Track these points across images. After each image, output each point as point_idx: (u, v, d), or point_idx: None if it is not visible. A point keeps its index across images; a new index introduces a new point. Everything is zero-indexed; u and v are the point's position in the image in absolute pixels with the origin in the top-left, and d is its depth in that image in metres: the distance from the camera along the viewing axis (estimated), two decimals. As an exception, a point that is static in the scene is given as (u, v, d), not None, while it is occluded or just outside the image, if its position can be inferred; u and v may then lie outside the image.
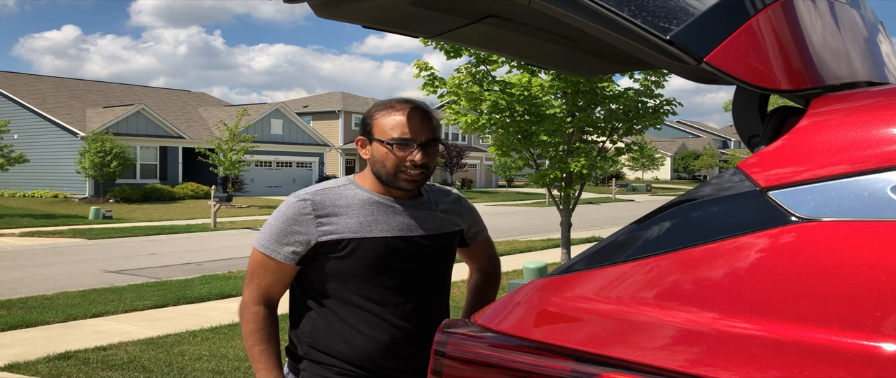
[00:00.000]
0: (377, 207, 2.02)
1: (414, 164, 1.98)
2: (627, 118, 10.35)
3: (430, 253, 2.08)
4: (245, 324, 2.01)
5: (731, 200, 1.19)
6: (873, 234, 1.07)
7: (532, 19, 1.79)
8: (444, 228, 2.12)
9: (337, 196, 2.02)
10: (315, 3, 1.74)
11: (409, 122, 1.99)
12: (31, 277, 12.04)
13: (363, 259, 1.97)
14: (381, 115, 2.01)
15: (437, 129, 2.04)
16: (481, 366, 1.36)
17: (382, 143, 1.99)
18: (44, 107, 35.05)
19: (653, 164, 63.50)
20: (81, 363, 6.31)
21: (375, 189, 2.04)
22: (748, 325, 1.09)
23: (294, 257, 1.99)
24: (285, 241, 1.98)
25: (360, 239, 1.97)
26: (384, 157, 1.99)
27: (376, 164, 2.01)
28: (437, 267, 2.11)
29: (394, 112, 2.01)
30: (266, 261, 2.01)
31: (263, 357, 1.98)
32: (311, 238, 1.97)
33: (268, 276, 2.02)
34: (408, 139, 1.98)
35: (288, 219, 1.99)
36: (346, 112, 53.22)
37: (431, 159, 2.02)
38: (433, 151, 2.02)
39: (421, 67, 10.13)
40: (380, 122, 2.01)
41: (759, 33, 1.20)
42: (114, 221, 24.25)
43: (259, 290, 2.02)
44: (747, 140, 1.35)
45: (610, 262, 1.27)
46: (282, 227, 1.99)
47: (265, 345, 2.00)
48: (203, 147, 34.05)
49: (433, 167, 2.04)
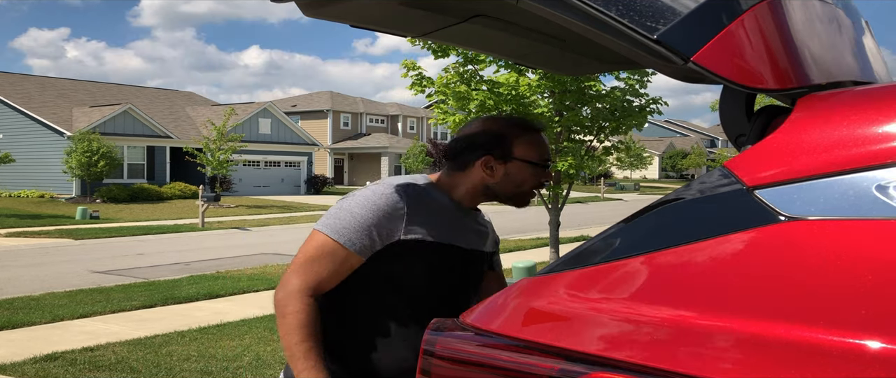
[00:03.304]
0: (455, 215, 1.98)
1: (544, 182, 2.02)
2: (614, 117, 10.39)
3: (478, 269, 2.06)
4: (292, 315, 1.80)
5: (718, 199, 1.20)
6: (859, 233, 1.08)
7: (520, 19, 1.80)
8: (490, 247, 2.12)
9: (424, 195, 1.93)
10: (302, 3, 1.73)
11: (545, 141, 2.02)
12: (17, 278, 11.96)
13: (434, 265, 1.91)
14: (522, 136, 1.97)
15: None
16: (470, 365, 1.36)
17: (528, 163, 1.96)
18: (29, 106, 34.84)
19: (641, 163, 63.70)
20: (68, 364, 6.28)
21: (453, 195, 1.99)
22: (735, 323, 1.09)
23: (369, 251, 1.85)
24: (368, 232, 1.84)
25: (440, 244, 1.91)
26: (526, 177, 1.97)
27: (510, 183, 1.97)
28: (477, 284, 2.08)
29: (533, 133, 2.00)
30: (336, 249, 1.84)
31: (312, 355, 1.78)
32: (394, 234, 1.86)
33: (331, 267, 1.84)
34: (549, 159, 2.02)
35: (379, 209, 1.85)
36: (334, 111, 53.13)
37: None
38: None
39: (409, 67, 10.13)
40: (524, 142, 1.97)
41: (746, 33, 1.21)
42: (101, 221, 24.12)
43: (315, 280, 1.83)
44: (734, 139, 1.36)
45: (597, 261, 1.27)
46: (368, 217, 1.84)
47: (313, 342, 1.79)
48: (191, 147, 33.91)
49: None
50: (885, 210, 1.06)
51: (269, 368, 6.20)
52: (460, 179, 1.99)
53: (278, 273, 12.18)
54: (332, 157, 52.38)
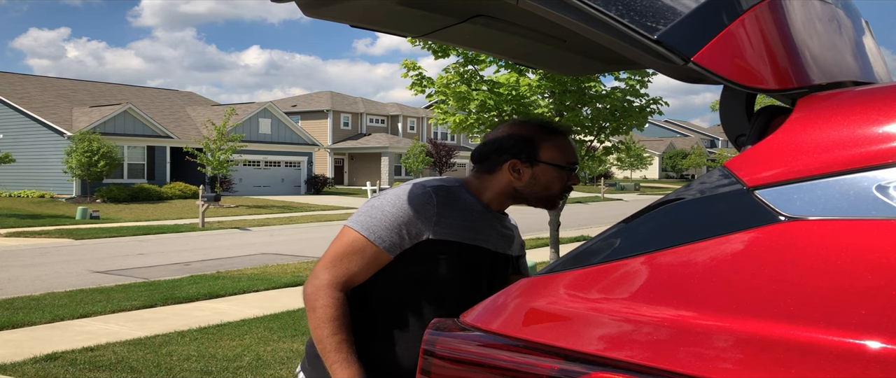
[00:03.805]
0: (483, 217, 1.99)
1: (571, 185, 2.03)
2: (614, 117, 10.39)
3: (503, 272, 2.06)
4: (323, 309, 1.83)
5: (718, 199, 1.20)
6: (859, 233, 1.08)
7: (520, 19, 1.80)
8: (516, 251, 2.12)
9: (456, 196, 1.96)
10: (302, 3, 1.73)
11: (572, 146, 2.03)
12: (17, 278, 11.96)
13: (461, 266, 1.92)
14: (549, 139, 1.99)
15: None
16: (470, 365, 1.36)
17: (556, 167, 1.98)
18: (30, 106, 34.85)
19: (641, 163, 63.76)
20: (69, 364, 6.28)
21: (485, 200, 2.01)
22: (735, 323, 1.09)
23: (397, 249, 1.88)
24: (398, 231, 1.87)
25: (468, 245, 1.93)
26: (553, 180, 1.99)
27: (538, 186, 1.99)
28: (502, 287, 2.08)
29: (560, 137, 2.01)
30: (366, 245, 1.87)
31: (345, 347, 1.81)
32: (424, 233, 1.89)
33: (360, 263, 1.88)
34: (576, 162, 2.03)
35: (409, 208, 1.89)
36: (334, 111, 53.13)
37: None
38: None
39: (409, 67, 10.14)
40: (550, 145, 1.98)
41: (746, 33, 1.21)
42: (101, 221, 24.13)
43: (345, 276, 1.87)
44: (734, 139, 1.36)
45: (598, 261, 1.28)
46: (399, 215, 1.88)
47: (346, 334, 1.83)
48: (191, 146, 33.93)
49: None
50: (885, 210, 1.06)
51: (269, 368, 6.20)
52: (488, 183, 2.01)
53: (278, 273, 12.19)
54: (333, 157, 52.38)
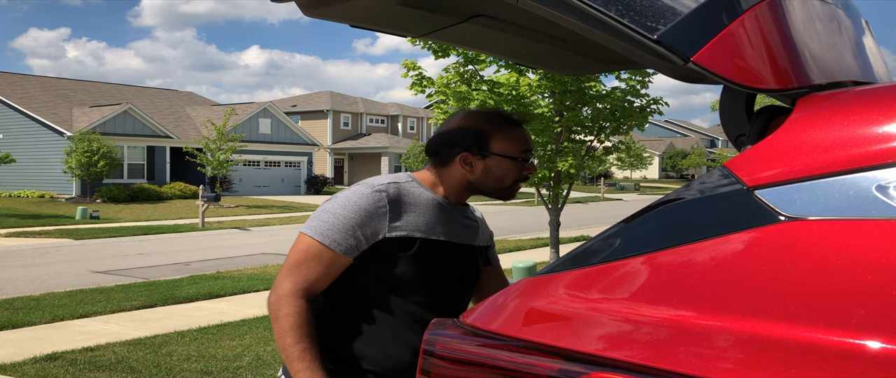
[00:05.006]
0: (440, 210, 1.97)
1: (527, 175, 2.02)
2: (614, 118, 10.39)
3: (473, 263, 2.06)
4: (285, 318, 1.82)
5: (718, 199, 1.20)
6: (859, 233, 1.08)
7: (520, 19, 1.80)
8: (482, 241, 2.12)
9: (406, 192, 1.94)
10: (302, 3, 1.73)
11: (525, 135, 2.01)
12: (17, 278, 11.96)
13: (424, 261, 1.91)
14: (500, 131, 1.98)
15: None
16: (470, 365, 1.36)
17: (508, 158, 1.97)
18: (30, 106, 34.84)
19: (641, 163, 63.74)
20: (68, 364, 6.28)
21: (437, 192, 2.00)
22: (736, 323, 1.09)
23: (355, 251, 1.88)
24: (352, 232, 1.86)
25: (427, 239, 1.92)
26: (507, 172, 1.98)
27: (491, 177, 1.98)
28: (473, 279, 2.09)
29: (512, 127, 2.00)
30: (322, 251, 1.86)
31: (308, 356, 1.81)
32: (379, 232, 1.88)
33: (319, 268, 1.86)
34: (530, 152, 2.01)
35: (361, 210, 1.87)
36: (334, 111, 53.12)
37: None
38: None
39: (409, 67, 10.14)
40: (502, 137, 1.97)
41: (746, 33, 1.21)
42: (101, 221, 24.13)
43: (304, 283, 1.86)
44: (734, 139, 1.36)
45: (597, 261, 1.27)
46: (351, 218, 1.87)
47: (309, 342, 1.82)
48: (191, 146, 33.93)
49: None
50: (885, 210, 1.06)
51: (269, 368, 6.21)
52: (443, 176, 2.01)
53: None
54: (332, 157, 52.37)
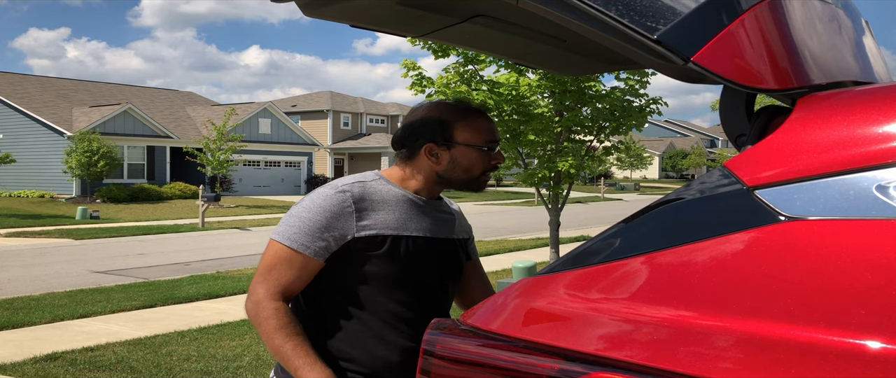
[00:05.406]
0: (411, 205, 1.95)
1: (496, 165, 1.99)
2: (614, 117, 10.39)
3: (454, 257, 2.04)
4: (266, 321, 1.81)
5: (718, 199, 1.20)
6: (859, 233, 1.08)
7: (520, 19, 1.80)
8: (461, 234, 2.10)
9: (373, 190, 1.92)
10: (302, 3, 1.73)
11: (490, 125, 1.99)
12: (17, 278, 11.96)
13: (398, 258, 1.89)
14: (463, 120, 1.95)
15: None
16: (470, 365, 1.36)
17: (473, 148, 1.94)
18: (30, 106, 34.84)
19: (641, 163, 63.75)
20: (68, 364, 6.28)
21: (407, 187, 1.98)
22: (736, 323, 1.09)
23: (325, 253, 1.86)
24: (319, 236, 1.85)
25: (398, 236, 1.90)
26: (474, 162, 1.95)
27: (458, 168, 1.95)
28: (456, 273, 2.07)
29: (476, 116, 1.97)
30: (291, 256, 1.85)
31: (301, 351, 1.79)
32: (347, 233, 1.86)
33: (290, 273, 1.85)
34: (496, 141, 1.99)
35: (325, 211, 1.86)
36: (334, 111, 53.10)
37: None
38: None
39: (409, 67, 10.14)
40: (465, 126, 1.95)
41: (746, 33, 1.21)
42: (101, 221, 24.12)
43: (277, 287, 1.85)
44: (734, 139, 1.36)
45: (597, 261, 1.27)
46: (316, 220, 1.85)
47: (298, 338, 1.80)
48: (191, 146, 33.92)
49: None
50: (885, 210, 1.06)
51: (268, 368, 6.20)
52: (412, 170, 1.99)
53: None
54: (332, 157, 52.35)
